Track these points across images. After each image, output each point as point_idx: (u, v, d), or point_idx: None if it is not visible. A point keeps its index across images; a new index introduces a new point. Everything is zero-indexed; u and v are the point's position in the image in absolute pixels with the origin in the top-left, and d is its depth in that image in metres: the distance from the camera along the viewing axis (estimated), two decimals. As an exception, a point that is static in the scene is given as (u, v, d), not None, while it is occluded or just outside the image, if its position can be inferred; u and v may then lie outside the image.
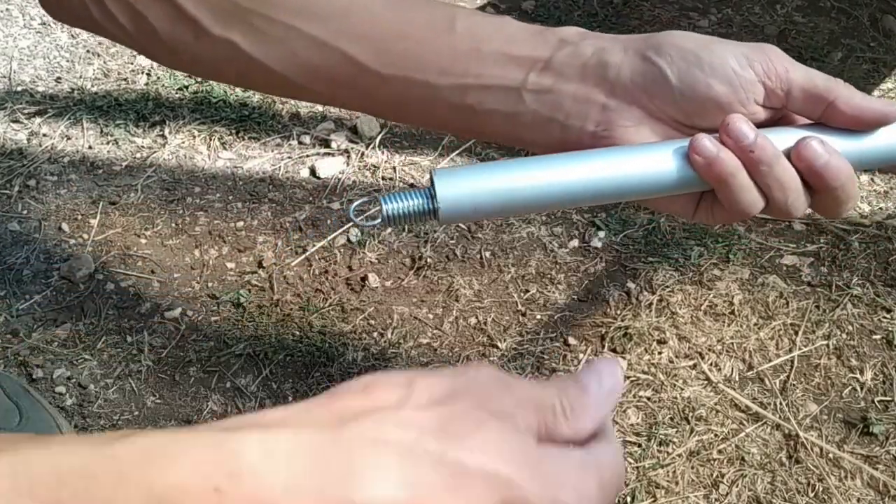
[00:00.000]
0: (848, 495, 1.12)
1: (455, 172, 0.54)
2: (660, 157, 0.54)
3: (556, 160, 0.54)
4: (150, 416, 1.19)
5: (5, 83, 1.61)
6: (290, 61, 0.61)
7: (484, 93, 0.57)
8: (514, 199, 0.54)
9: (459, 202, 0.53)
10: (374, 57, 0.59)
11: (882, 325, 1.29)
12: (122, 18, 0.63)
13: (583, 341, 1.27)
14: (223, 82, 0.73)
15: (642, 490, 1.13)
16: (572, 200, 0.55)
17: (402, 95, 0.60)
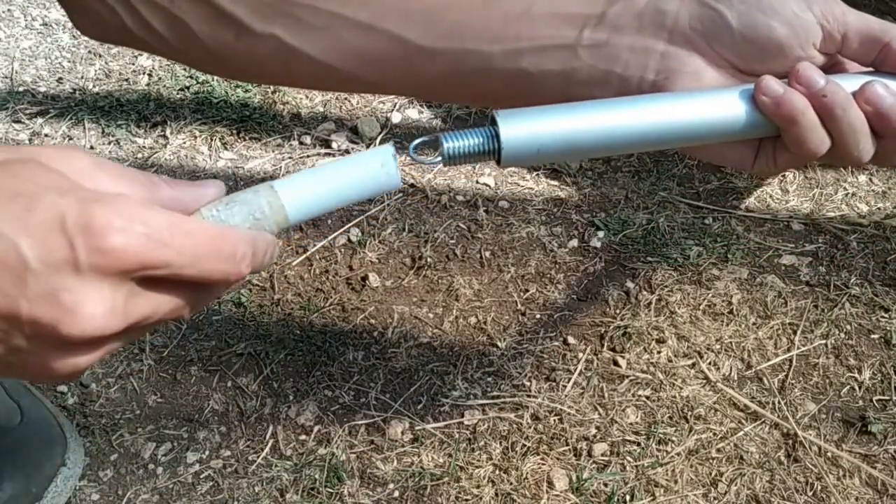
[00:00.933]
0: (846, 494, 1.13)
1: (517, 114, 0.52)
2: (725, 101, 0.53)
3: (620, 103, 0.53)
4: (151, 414, 1.20)
5: (7, 83, 1.62)
6: (336, 50, 0.59)
7: (539, 54, 0.56)
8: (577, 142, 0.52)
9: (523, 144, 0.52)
10: (422, 33, 0.58)
11: (880, 324, 1.29)
12: (159, 26, 0.61)
13: (582, 340, 1.27)
14: (268, 82, 0.71)
15: (641, 489, 1.13)
16: (637, 144, 0.54)
17: (455, 70, 0.59)
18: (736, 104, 0.53)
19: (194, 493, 1.13)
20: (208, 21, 0.60)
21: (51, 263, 0.38)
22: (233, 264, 0.44)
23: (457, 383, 1.23)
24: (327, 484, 1.13)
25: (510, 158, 0.52)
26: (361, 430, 1.18)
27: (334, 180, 0.51)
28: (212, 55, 0.62)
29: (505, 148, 0.51)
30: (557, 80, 0.57)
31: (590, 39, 0.56)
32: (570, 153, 0.53)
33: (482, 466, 1.15)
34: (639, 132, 0.53)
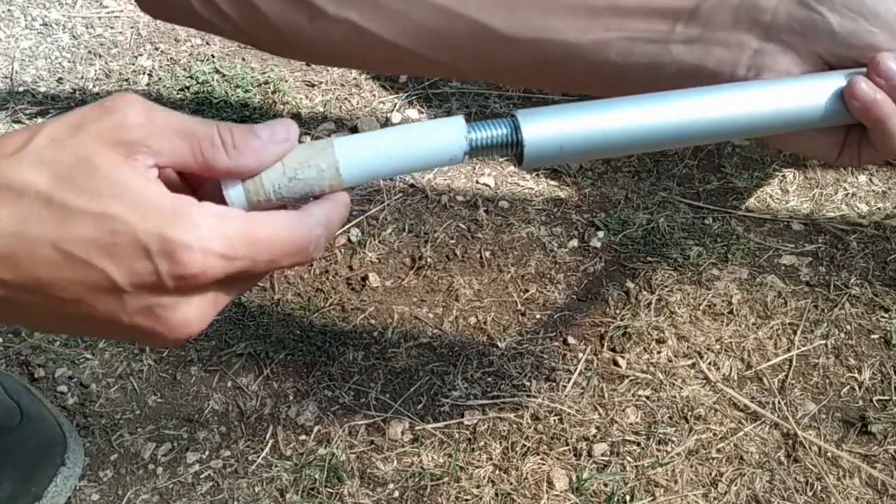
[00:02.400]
0: (846, 494, 1.13)
1: (539, 112, 0.51)
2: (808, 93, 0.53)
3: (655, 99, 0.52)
4: (151, 414, 1.20)
5: (7, 84, 1.62)
6: (413, 33, 0.58)
7: (628, 47, 0.55)
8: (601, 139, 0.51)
9: (546, 141, 0.50)
10: (505, 21, 0.56)
11: (880, 324, 1.29)
12: (228, 8, 0.60)
13: (582, 341, 1.27)
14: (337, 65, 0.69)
15: (641, 489, 1.13)
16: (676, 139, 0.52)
17: (538, 59, 0.57)
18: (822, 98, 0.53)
19: (194, 493, 1.13)
20: (279, 3, 0.59)
21: (141, 286, 0.41)
22: (305, 257, 0.46)
23: (457, 383, 1.23)
24: (327, 484, 1.13)
25: (533, 156, 0.50)
26: (361, 430, 1.18)
27: (398, 147, 0.49)
28: (282, 38, 0.60)
29: (528, 145, 0.50)
30: (645, 72, 0.56)
31: (682, 34, 0.55)
32: (596, 150, 0.52)
33: (482, 466, 1.15)
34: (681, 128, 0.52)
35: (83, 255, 0.41)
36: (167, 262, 0.41)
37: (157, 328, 0.43)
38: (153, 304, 0.42)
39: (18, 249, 0.41)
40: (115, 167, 0.42)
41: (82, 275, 0.41)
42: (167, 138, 0.43)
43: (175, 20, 0.64)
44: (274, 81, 1.61)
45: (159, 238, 0.41)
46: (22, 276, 0.41)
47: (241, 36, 0.62)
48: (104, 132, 0.42)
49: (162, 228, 0.41)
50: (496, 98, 1.60)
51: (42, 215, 0.41)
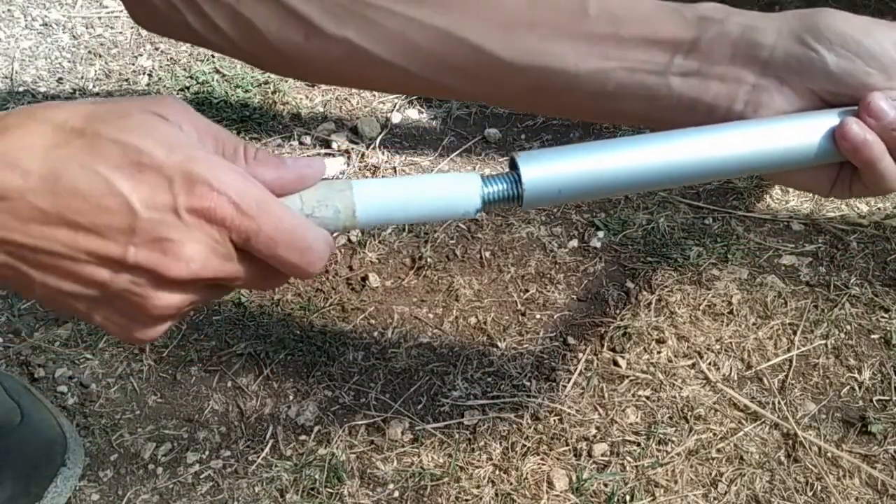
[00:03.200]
0: (846, 494, 1.13)
1: (538, 155, 0.52)
2: (801, 133, 0.53)
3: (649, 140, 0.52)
4: (151, 415, 1.20)
5: (7, 84, 1.62)
6: (411, 54, 0.58)
7: (627, 77, 0.56)
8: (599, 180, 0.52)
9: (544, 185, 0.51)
10: (504, 46, 0.56)
11: (880, 324, 1.29)
12: (224, 24, 0.60)
13: (582, 341, 1.27)
14: (335, 84, 0.69)
15: (641, 489, 1.13)
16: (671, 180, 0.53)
17: (536, 85, 0.57)
18: (811, 136, 0.53)
19: (194, 493, 1.13)
20: (276, 21, 0.58)
21: (155, 213, 0.43)
22: (304, 261, 0.47)
23: (457, 383, 1.23)
24: (327, 484, 1.13)
25: (532, 200, 0.51)
26: (361, 431, 1.18)
27: (415, 198, 0.50)
28: (279, 56, 0.60)
29: (527, 190, 0.51)
30: (642, 103, 0.56)
31: (681, 66, 0.55)
32: (594, 192, 0.53)
33: (482, 466, 1.15)
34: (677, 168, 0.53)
35: (108, 178, 0.43)
36: (185, 193, 0.43)
37: (161, 261, 0.44)
38: (163, 234, 0.44)
39: (46, 170, 0.43)
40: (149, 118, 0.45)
41: (103, 199, 0.43)
42: (197, 132, 0.46)
43: (171, 35, 0.65)
44: (274, 81, 1.61)
45: (182, 172, 0.43)
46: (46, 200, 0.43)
47: (238, 53, 0.63)
48: (143, 105, 0.45)
49: (186, 164, 0.44)
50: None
51: (73, 142, 0.43)
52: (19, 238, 0.44)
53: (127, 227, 0.44)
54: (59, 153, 0.43)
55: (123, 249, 0.44)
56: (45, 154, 0.43)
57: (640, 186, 0.54)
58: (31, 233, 0.44)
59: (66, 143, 0.43)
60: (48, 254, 0.44)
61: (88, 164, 0.43)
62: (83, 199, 0.43)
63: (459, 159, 1.51)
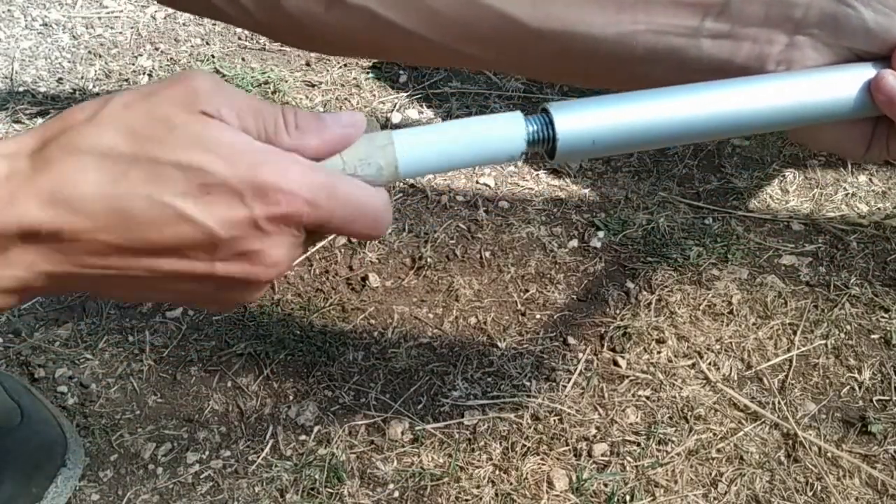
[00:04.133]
0: (846, 494, 1.13)
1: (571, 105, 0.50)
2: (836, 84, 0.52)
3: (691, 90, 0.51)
4: (151, 415, 1.20)
5: (7, 84, 1.62)
6: (433, 22, 0.57)
7: (655, 40, 0.54)
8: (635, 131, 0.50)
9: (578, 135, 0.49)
10: (530, 12, 0.55)
11: (880, 324, 1.29)
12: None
13: (582, 341, 1.27)
14: (355, 56, 0.67)
15: (641, 489, 1.13)
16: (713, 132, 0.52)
17: (563, 51, 0.56)
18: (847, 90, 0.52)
19: (194, 493, 1.13)
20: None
21: (237, 231, 0.43)
22: (377, 229, 0.47)
23: (457, 383, 1.23)
24: (327, 484, 1.13)
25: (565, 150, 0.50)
26: (361, 431, 1.18)
27: (459, 144, 0.48)
28: (297, 27, 0.59)
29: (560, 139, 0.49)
30: (672, 67, 0.55)
31: (712, 29, 0.54)
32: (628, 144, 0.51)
33: (482, 466, 1.15)
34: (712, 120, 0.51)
35: (178, 208, 0.42)
36: (260, 203, 0.43)
37: (251, 270, 0.44)
38: (247, 247, 0.44)
39: (112, 210, 0.41)
40: (194, 122, 0.42)
41: (178, 228, 0.42)
42: (235, 111, 0.44)
43: (189, 9, 0.63)
44: (274, 81, 1.61)
45: (251, 183, 0.42)
46: (119, 236, 0.42)
47: (255, 25, 0.61)
48: (177, 97, 0.43)
49: (252, 174, 0.42)
50: (496, 98, 1.60)
51: (130, 173, 0.41)
52: (99, 271, 0.43)
53: (209, 246, 0.43)
54: (119, 190, 0.41)
55: (210, 266, 0.44)
56: (105, 192, 0.41)
57: (674, 139, 0.52)
58: (112, 264, 0.43)
59: (123, 176, 0.41)
60: (133, 278, 0.44)
61: (153, 195, 0.42)
62: (158, 230, 0.42)
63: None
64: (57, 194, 0.41)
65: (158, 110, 0.42)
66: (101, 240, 0.42)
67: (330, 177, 0.45)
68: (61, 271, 0.43)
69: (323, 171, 0.45)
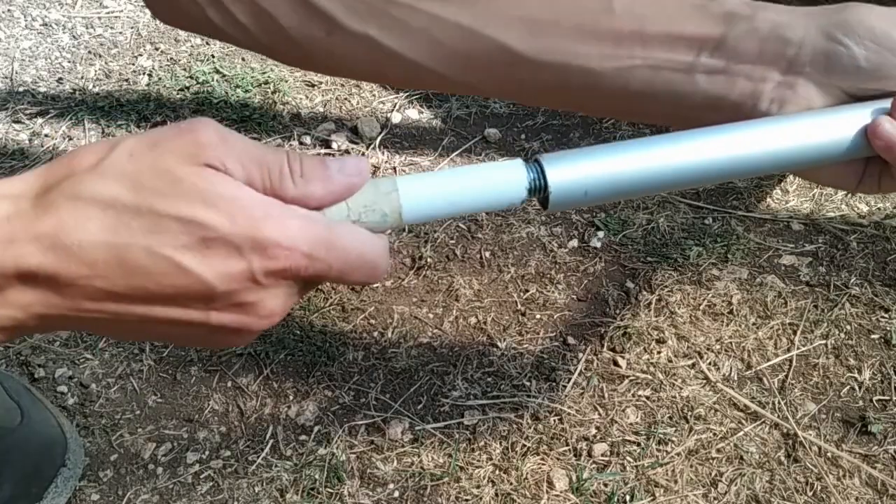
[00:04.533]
0: (846, 494, 1.13)
1: (563, 156, 0.51)
2: (831, 128, 0.53)
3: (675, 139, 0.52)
4: (151, 415, 1.20)
5: (7, 84, 1.62)
6: (434, 52, 0.58)
7: (651, 75, 0.55)
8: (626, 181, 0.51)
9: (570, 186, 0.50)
10: (528, 44, 0.56)
11: (880, 324, 1.29)
12: (245, 18, 0.59)
13: (582, 341, 1.27)
14: (355, 78, 0.68)
15: (641, 489, 1.13)
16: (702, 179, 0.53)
17: (560, 82, 0.57)
18: (840, 132, 0.53)
19: (194, 493, 1.13)
20: (298, 16, 0.58)
21: (234, 284, 0.44)
22: (373, 277, 0.48)
23: (457, 383, 1.23)
24: (327, 484, 1.13)
25: (558, 201, 0.50)
26: (361, 431, 1.18)
27: (461, 193, 0.49)
28: (299, 50, 0.60)
29: (553, 191, 0.50)
30: (667, 101, 0.56)
31: (706, 65, 0.54)
32: (621, 193, 0.52)
33: (482, 466, 1.15)
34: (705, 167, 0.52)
35: (177, 261, 0.43)
36: (259, 258, 0.43)
37: (245, 320, 0.45)
38: (243, 299, 0.44)
39: (111, 258, 0.42)
40: (197, 176, 0.43)
41: (176, 279, 0.43)
42: (239, 162, 0.44)
43: (189, 28, 0.64)
44: (274, 81, 1.61)
45: (251, 239, 0.43)
46: (116, 284, 0.43)
47: (256, 46, 0.62)
48: (181, 149, 0.43)
49: (252, 230, 0.43)
50: (494, 99, 1.60)
51: (132, 224, 0.42)
52: (94, 315, 0.44)
53: (205, 296, 0.44)
54: (120, 240, 0.42)
55: (204, 315, 0.45)
56: (105, 240, 0.42)
57: (667, 186, 0.53)
58: (106, 309, 0.44)
59: (124, 226, 0.42)
60: (126, 322, 0.45)
61: (153, 248, 0.42)
62: (156, 280, 0.43)
63: (459, 159, 1.51)
64: (57, 240, 0.42)
65: (162, 162, 0.43)
66: (98, 286, 0.43)
67: (329, 229, 0.45)
68: (56, 313, 0.44)
69: (322, 222, 0.46)
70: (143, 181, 0.42)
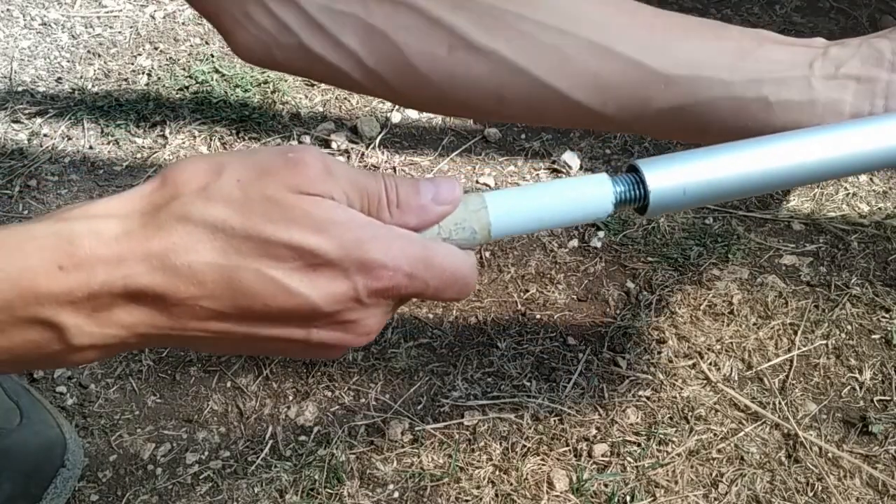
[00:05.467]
0: (847, 494, 1.13)
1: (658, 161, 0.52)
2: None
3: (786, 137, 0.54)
4: (150, 415, 1.20)
5: (6, 83, 1.62)
6: (563, 71, 0.57)
7: (777, 84, 0.57)
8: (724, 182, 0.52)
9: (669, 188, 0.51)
10: (661, 59, 0.57)
11: (881, 324, 1.29)
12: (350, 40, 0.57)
13: (582, 341, 1.27)
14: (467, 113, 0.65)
15: (641, 489, 1.13)
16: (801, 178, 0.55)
17: (689, 98, 0.58)
18: None
19: (193, 493, 1.13)
20: (416, 32, 0.56)
21: (338, 304, 0.46)
22: (464, 293, 0.50)
23: (457, 383, 1.22)
24: (327, 485, 1.13)
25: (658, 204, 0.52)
26: (361, 431, 1.18)
27: (549, 208, 0.51)
28: (413, 75, 0.58)
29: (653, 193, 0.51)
30: (794, 108, 0.58)
31: (821, 70, 0.57)
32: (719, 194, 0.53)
33: (482, 467, 1.15)
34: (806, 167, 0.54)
35: (285, 283, 0.44)
36: (364, 278, 0.45)
37: (344, 338, 0.47)
38: (345, 318, 0.46)
39: (220, 279, 0.43)
40: (304, 202, 0.44)
41: (283, 301, 0.44)
42: (343, 191, 0.46)
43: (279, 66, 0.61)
44: (273, 81, 1.60)
45: (357, 260, 0.45)
46: (223, 304, 0.44)
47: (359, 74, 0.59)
48: (288, 180, 0.44)
49: (358, 252, 0.45)
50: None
51: (241, 248, 0.43)
52: (196, 333, 0.45)
53: (309, 316, 0.45)
54: (230, 262, 0.43)
55: (306, 333, 0.46)
56: (215, 262, 0.43)
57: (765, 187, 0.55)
58: (210, 328, 0.45)
59: (234, 250, 0.43)
60: (228, 340, 0.46)
61: (263, 270, 0.44)
62: (263, 302, 0.44)
63: (459, 159, 1.51)
64: (167, 260, 0.43)
65: (271, 191, 0.44)
66: (205, 306, 0.44)
67: (427, 248, 0.47)
68: (159, 333, 0.45)
69: (419, 242, 0.47)
70: (252, 207, 0.43)
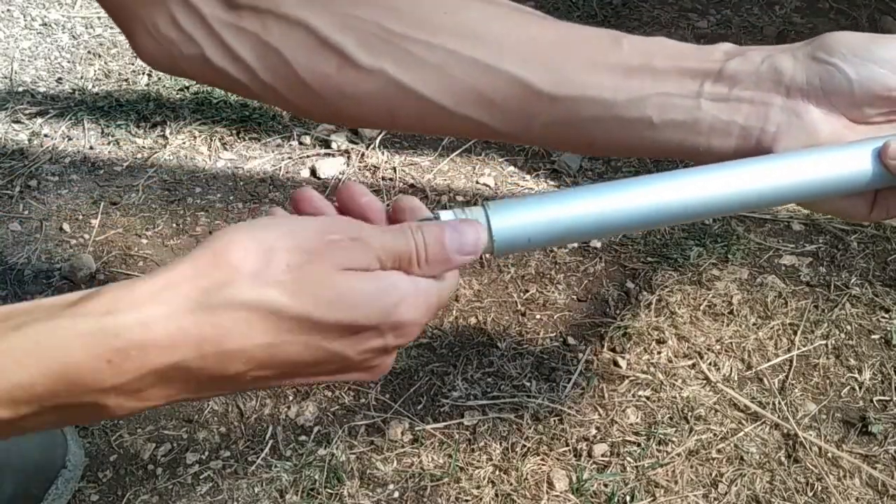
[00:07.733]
0: (846, 494, 1.13)
1: (508, 204, 0.54)
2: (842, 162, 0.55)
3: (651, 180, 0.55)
4: (150, 415, 1.20)
5: (7, 84, 1.62)
6: (449, 88, 0.58)
7: (662, 103, 0.57)
8: (567, 227, 0.54)
9: (514, 234, 0.53)
10: (544, 78, 0.58)
11: (880, 324, 1.29)
12: (248, 55, 0.59)
13: (582, 341, 1.27)
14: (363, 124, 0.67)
15: (641, 489, 1.13)
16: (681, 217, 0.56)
17: (573, 116, 0.59)
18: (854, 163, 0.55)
19: (193, 493, 1.13)
20: (306, 50, 0.58)
21: (367, 354, 0.49)
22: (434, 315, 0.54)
23: (457, 384, 1.23)
24: (327, 485, 1.13)
25: (503, 247, 0.53)
26: (361, 431, 1.18)
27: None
28: (305, 90, 0.59)
29: (497, 239, 0.53)
30: (679, 129, 0.58)
31: (711, 92, 0.57)
32: (563, 237, 0.55)
33: (482, 467, 1.15)
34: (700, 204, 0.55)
35: (331, 349, 0.48)
36: (394, 335, 0.49)
37: (364, 376, 0.52)
38: (371, 364, 0.51)
39: (268, 356, 0.47)
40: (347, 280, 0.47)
41: (324, 358, 0.48)
42: (378, 259, 0.49)
43: (186, 72, 0.63)
44: (273, 81, 1.60)
45: (391, 323, 0.49)
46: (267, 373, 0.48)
47: (261, 90, 0.61)
48: (335, 262, 0.47)
49: (393, 316, 0.48)
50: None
51: (293, 327, 0.46)
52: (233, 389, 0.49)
53: (342, 366, 0.50)
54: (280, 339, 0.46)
55: (334, 376, 0.51)
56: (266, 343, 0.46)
57: (617, 230, 0.56)
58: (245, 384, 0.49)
59: (287, 330, 0.46)
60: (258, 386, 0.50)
61: (310, 342, 0.47)
62: (305, 363, 0.48)
63: (459, 159, 1.51)
64: (220, 346, 0.45)
65: (318, 275, 0.46)
66: (251, 377, 0.47)
67: (439, 295, 0.51)
68: (195, 396, 0.48)
69: (437, 293, 0.51)
70: (302, 291, 0.46)
